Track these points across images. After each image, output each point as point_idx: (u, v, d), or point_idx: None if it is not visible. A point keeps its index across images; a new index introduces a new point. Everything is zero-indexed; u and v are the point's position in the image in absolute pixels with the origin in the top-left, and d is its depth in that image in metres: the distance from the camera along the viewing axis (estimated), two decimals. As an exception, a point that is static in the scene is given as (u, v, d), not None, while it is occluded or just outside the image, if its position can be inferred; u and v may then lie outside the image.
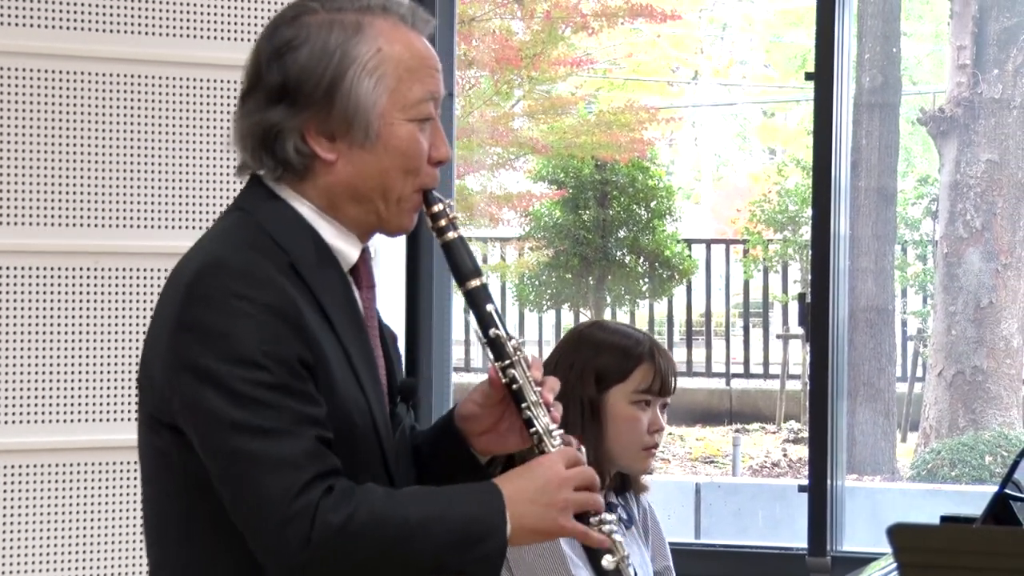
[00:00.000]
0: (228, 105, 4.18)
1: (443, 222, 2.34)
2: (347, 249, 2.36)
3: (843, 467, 5.05)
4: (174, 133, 4.15)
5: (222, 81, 4.18)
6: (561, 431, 2.35)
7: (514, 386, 2.34)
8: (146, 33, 4.13)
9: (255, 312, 2.21)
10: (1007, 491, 2.91)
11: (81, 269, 4.06)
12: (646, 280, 12.03)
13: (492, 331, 2.35)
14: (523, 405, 2.34)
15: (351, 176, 2.31)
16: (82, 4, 4.07)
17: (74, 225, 4.06)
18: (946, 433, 10.10)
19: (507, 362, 2.34)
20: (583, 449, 2.36)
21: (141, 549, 4.09)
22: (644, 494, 3.35)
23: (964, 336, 10.17)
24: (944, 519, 3.35)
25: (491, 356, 2.36)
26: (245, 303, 2.21)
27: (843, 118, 4.99)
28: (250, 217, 2.32)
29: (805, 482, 5.01)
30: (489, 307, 2.36)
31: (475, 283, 2.36)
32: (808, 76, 5.03)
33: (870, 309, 10.26)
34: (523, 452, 2.41)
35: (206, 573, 2.30)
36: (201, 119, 4.17)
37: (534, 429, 2.33)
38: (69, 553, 4.04)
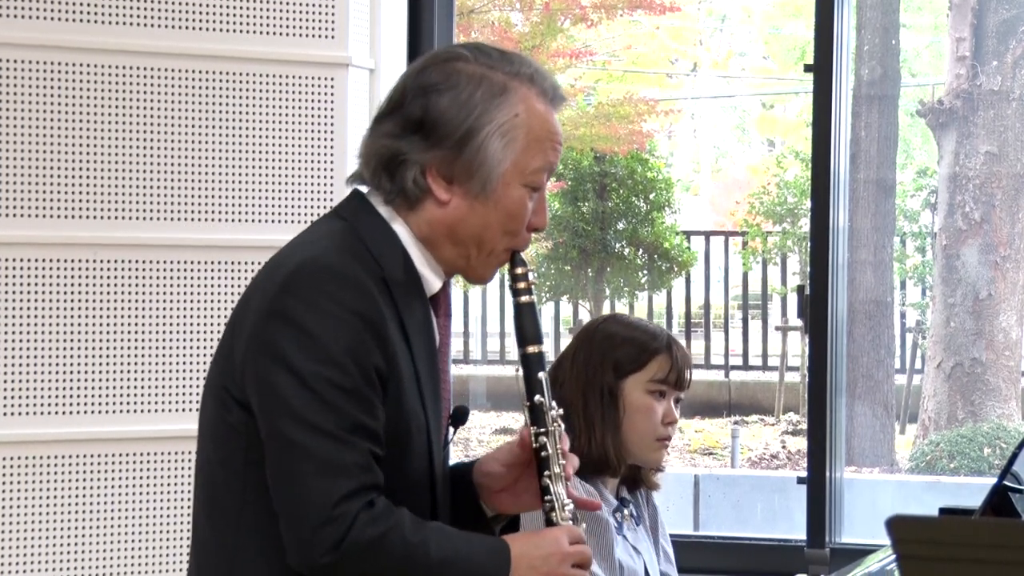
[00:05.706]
0: (225, 97, 4.18)
1: (522, 284, 2.51)
2: (432, 278, 2.49)
3: (842, 459, 5.05)
4: (173, 126, 4.15)
5: (221, 73, 4.19)
6: (572, 507, 2.49)
7: (543, 453, 2.48)
8: (146, 25, 4.13)
9: (343, 315, 2.33)
10: (1006, 483, 2.91)
11: (78, 261, 4.06)
12: (645, 272, 12.02)
13: (537, 398, 2.49)
14: (545, 473, 2.48)
15: (456, 220, 2.45)
16: (80, -4, 4.07)
17: (71, 217, 4.06)
18: (945, 425, 10.09)
19: (543, 430, 2.48)
20: (585, 527, 2.51)
21: (139, 542, 4.10)
22: (654, 492, 3.39)
23: (963, 328, 10.16)
24: (943, 511, 3.35)
25: (528, 419, 2.50)
26: (336, 305, 2.34)
27: (842, 110, 4.99)
28: (350, 227, 2.45)
29: (804, 474, 5.01)
30: (541, 375, 2.50)
31: (534, 349, 2.52)
32: (807, 68, 5.03)
33: (869, 301, 10.25)
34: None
35: (255, 548, 2.39)
36: (198, 112, 4.17)
37: (549, 498, 2.48)
38: (65, 547, 4.04)
